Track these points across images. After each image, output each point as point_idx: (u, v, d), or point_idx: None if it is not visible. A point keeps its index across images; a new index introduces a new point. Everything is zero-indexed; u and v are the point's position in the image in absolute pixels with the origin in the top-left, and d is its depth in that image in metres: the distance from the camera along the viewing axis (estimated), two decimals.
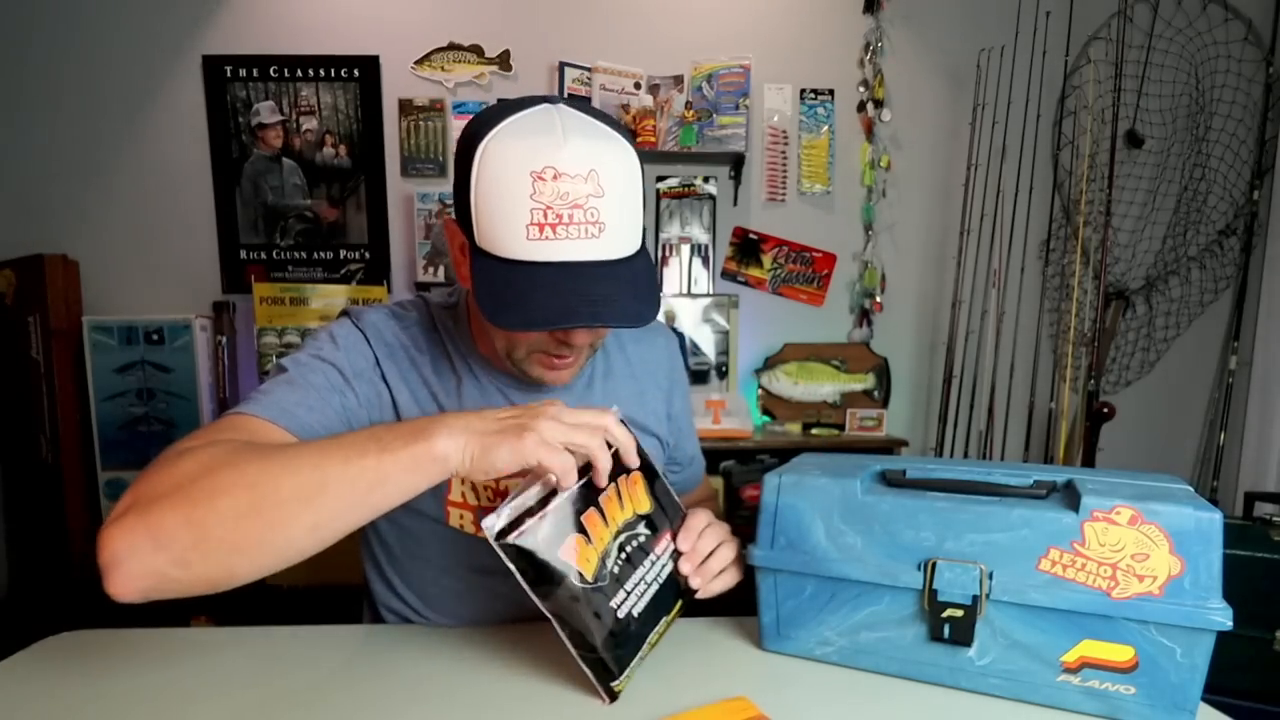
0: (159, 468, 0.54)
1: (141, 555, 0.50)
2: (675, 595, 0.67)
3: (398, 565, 0.80)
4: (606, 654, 0.58)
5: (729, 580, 0.71)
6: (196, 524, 0.50)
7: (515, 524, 0.55)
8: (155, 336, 2.14)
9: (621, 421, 0.62)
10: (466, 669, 0.66)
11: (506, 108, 0.64)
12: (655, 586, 0.64)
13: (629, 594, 0.61)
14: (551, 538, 0.57)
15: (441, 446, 0.54)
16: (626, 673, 0.59)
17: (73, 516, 2.15)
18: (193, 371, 2.15)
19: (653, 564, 0.65)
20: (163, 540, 0.50)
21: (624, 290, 0.63)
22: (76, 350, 2.14)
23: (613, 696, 0.59)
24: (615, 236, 0.63)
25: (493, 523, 0.55)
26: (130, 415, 2.15)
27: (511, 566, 0.55)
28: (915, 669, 0.63)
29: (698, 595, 0.69)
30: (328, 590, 1.07)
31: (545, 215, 0.60)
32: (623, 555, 0.62)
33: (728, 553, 0.71)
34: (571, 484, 0.56)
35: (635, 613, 0.61)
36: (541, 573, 0.56)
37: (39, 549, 2.22)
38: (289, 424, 0.64)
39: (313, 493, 0.52)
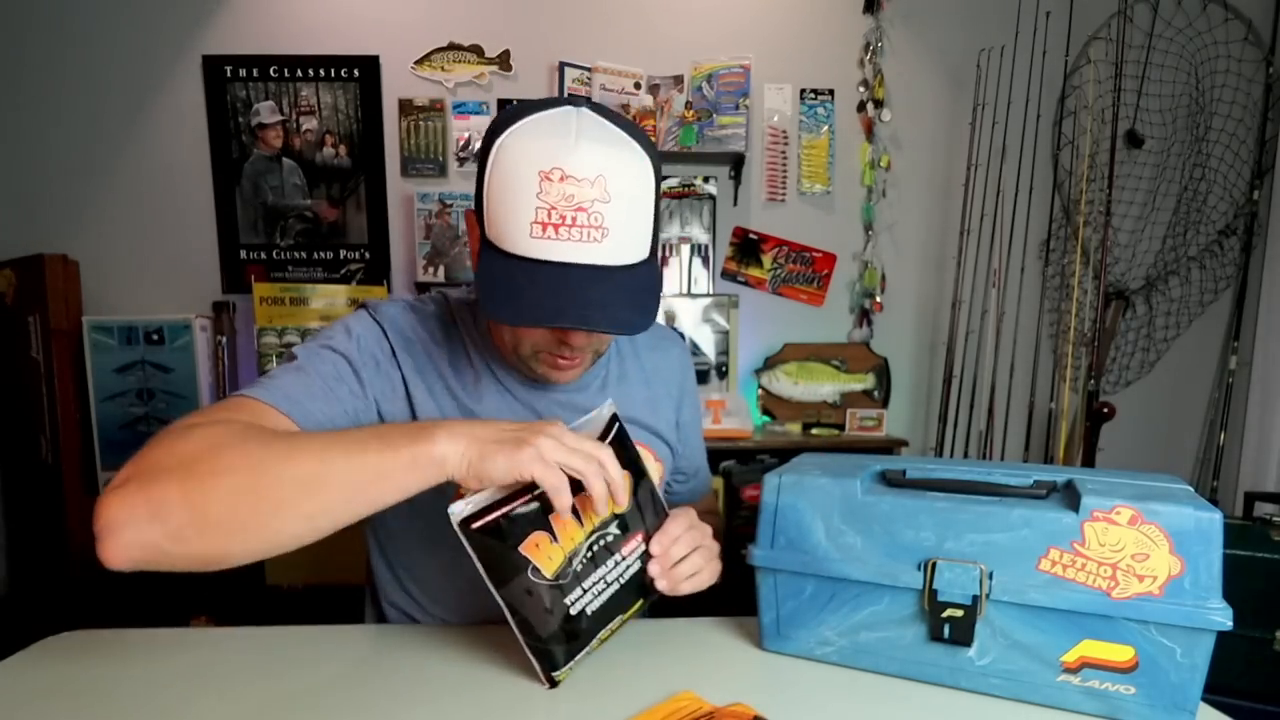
0: (163, 441, 0.55)
1: (138, 525, 0.51)
2: (638, 594, 0.67)
3: (404, 558, 0.80)
4: (553, 645, 0.60)
5: (701, 582, 0.70)
6: (196, 501, 0.51)
7: (481, 514, 0.57)
8: (155, 336, 2.14)
9: (617, 439, 0.63)
10: (468, 669, 0.66)
11: (529, 107, 0.65)
12: (615, 586, 0.64)
13: (585, 592, 0.62)
14: (514, 533, 0.58)
15: (441, 449, 0.55)
16: (571, 664, 0.61)
17: (73, 516, 2.15)
18: (193, 371, 2.15)
19: (617, 564, 0.64)
20: (160, 514, 0.51)
21: (620, 298, 0.63)
22: (76, 350, 2.14)
23: (553, 684, 0.60)
24: (619, 243, 0.63)
25: (459, 509, 0.56)
26: (130, 415, 2.15)
27: (471, 553, 0.57)
28: (915, 669, 0.63)
29: (667, 594, 0.68)
30: (328, 590, 1.08)
31: (549, 215, 0.61)
32: (589, 554, 0.62)
33: (699, 560, 0.70)
34: (565, 505, 0.56)
35: (589, 610, 0.62)
36: (498, 564, 0.58)
37: (39, 549, 2.22)
38: (293, 411, 0.64)
39: (313, 482, 0.53)
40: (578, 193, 0.61)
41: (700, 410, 1.00)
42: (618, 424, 0.66)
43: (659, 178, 0.68)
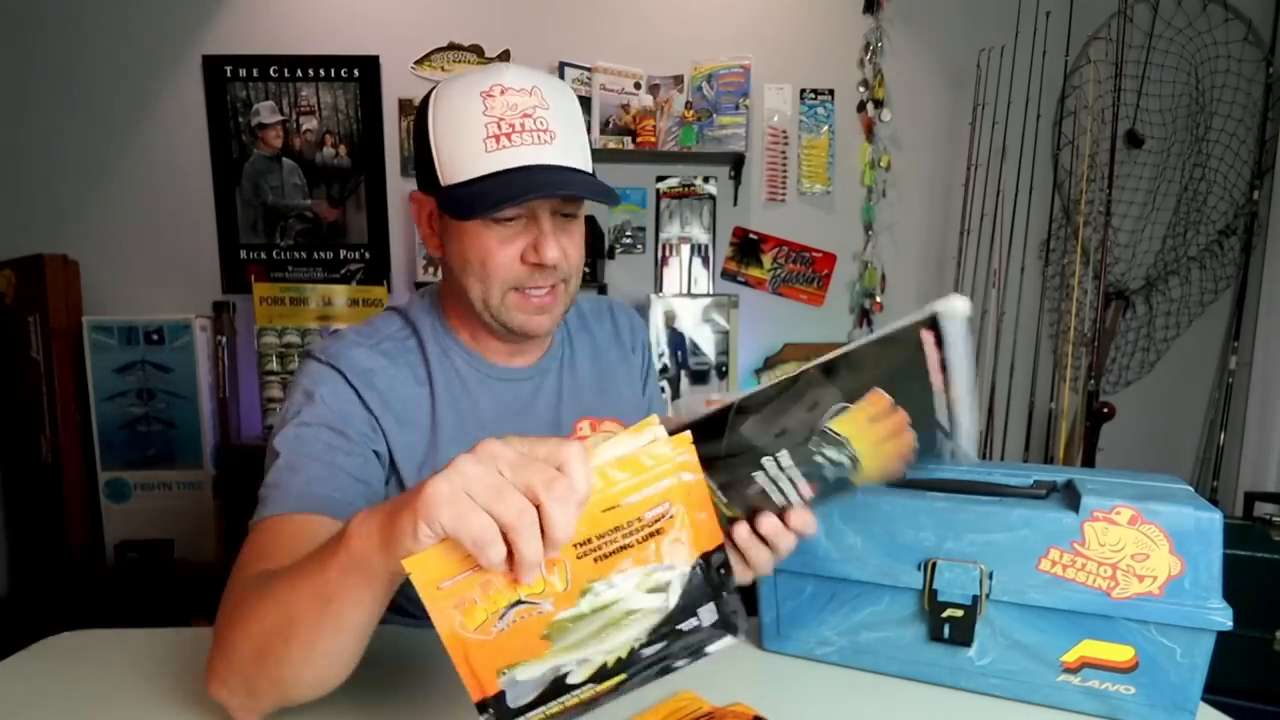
0: (217, 627, 0.57)
1: (229, 707, 0.56)
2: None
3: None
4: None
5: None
6: (239, 680, 0.54)
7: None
8: (155, 336, 2.14)
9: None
10: None
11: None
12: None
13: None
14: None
15: (356, 544, 0.45)
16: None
17: (73, 516, 2.15)
18: (193, 371, 2.15)
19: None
20: (229, 696, 0.55)
21: (583, 180, 0.68)
22: (76, 350, 2.14)
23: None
24: (567, 147, 0.67)
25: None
26: (130, 415, 2.15)
27: None
28: (915, 669, 0.63)
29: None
30: None
31: (499, 126, 0.65)
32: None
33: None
34: (493, 559, 0.38)
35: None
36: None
37: (39, 549, 2.22)
38: (310, 506, 0.63)
39: (286, 630, 0.50)
40: (520, 101, 0.66)
41: (656, 377, 1.01)
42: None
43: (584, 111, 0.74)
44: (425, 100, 0.69)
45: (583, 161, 0.70)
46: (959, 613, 0.59)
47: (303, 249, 2.35)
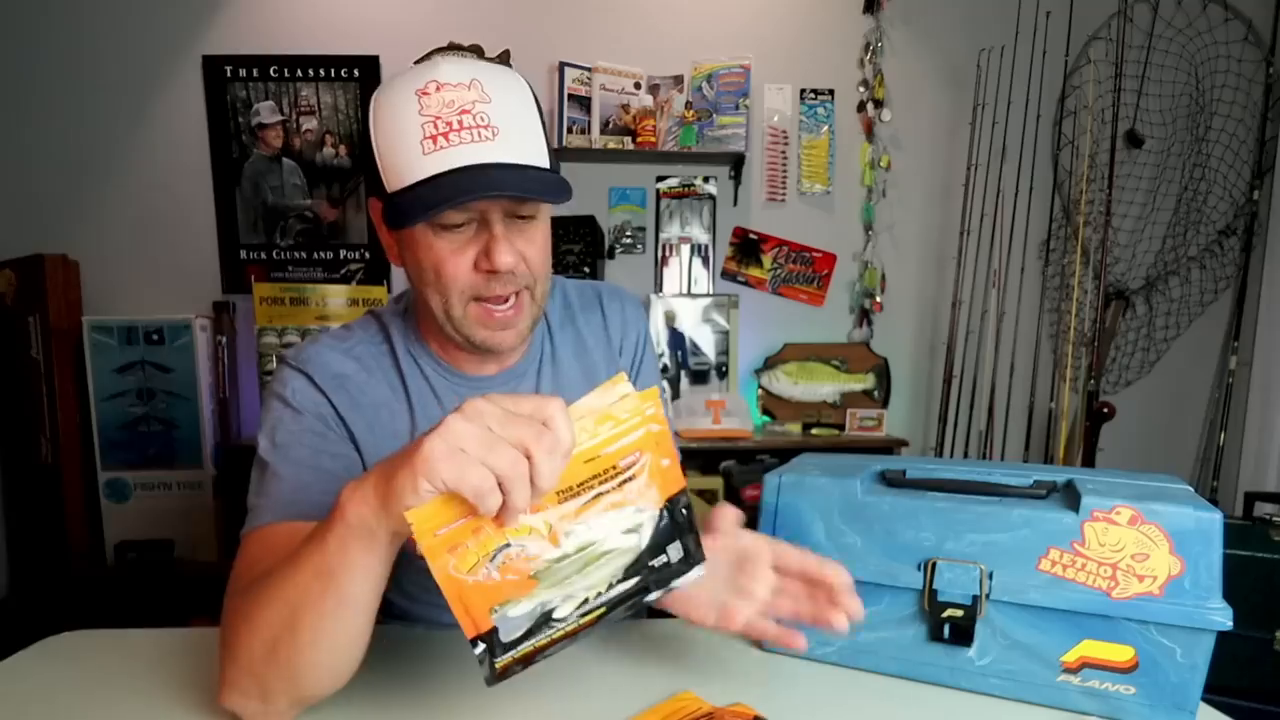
0: (221, 641, 0.57)
1: (245, 714, 0.56)
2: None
3: (404, 571, 0.80)
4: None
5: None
6: (254, 686, 0.54)
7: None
8: (155, 336, 2.14)
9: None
10: (467, 669, 0.66)
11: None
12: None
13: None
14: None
15: (352, 511, 0.47)
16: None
17: (72, 516, 2.15)
18: (193, 371, 2.15)
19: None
20: (244, 701, 0.55)
21: (527, 176, 0.62)
22: (76, 350, 2.14)
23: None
24: (512, 141, 0.62)
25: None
26: (130, 415, 2.15)
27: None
28: (915, 669, 0.63)
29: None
30: None
31: (436, 125, 0.60)
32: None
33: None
34: (491, 507, 0.42)
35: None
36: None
37: (39, 549, 2.22)
38: (300, 512, 0.64)
39: (292, 619, 0.51)
40: (457, 97, 0.61)
41: (655, 368, 0.92)
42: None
43: (536, 96, 0.67)
44: (368, 105, 0.66)
45: (532, 155, 0.63)
46: (959, 613, 0.59)
47: (303, 249, 2.35)
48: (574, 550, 0.47)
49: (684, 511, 0.49)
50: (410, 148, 0.61)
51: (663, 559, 0.49)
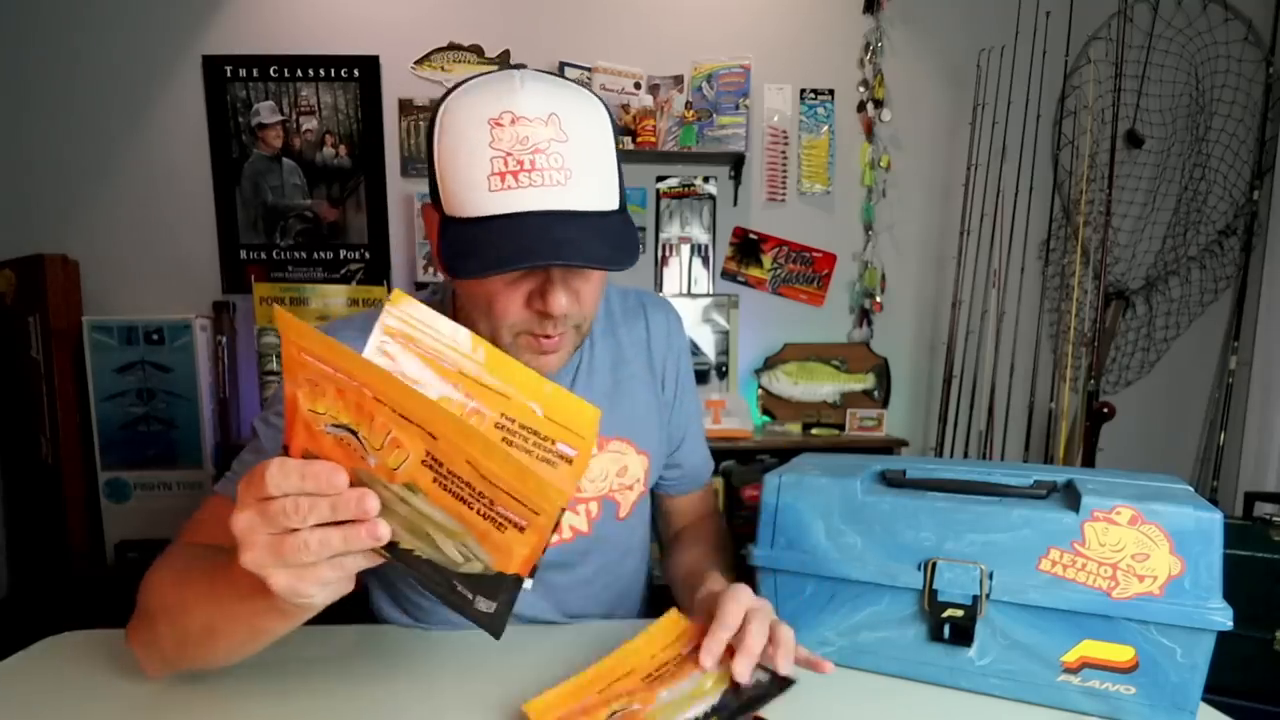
0: (144, 587, 0.62)
1: (141, 658, 0.62)
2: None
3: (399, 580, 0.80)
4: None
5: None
6: (156, 650, 0.60)
7: None
8: (155, 336, 2.14)
9: None
10: (466, 670, 0.66)
11: (469, 78, 0.64)
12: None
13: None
14: None
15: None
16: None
17: (73, 516, 2.15)
18: (193, 371, 2.15)
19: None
20: (144, 654, 0.61)
21: (594, 236, 0.59)
22: (76, 350, 2.14)
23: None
24: (585, 186, 0.59)
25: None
26: (130, 415, 2.15)
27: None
28: (915, 669, 0.63)
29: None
30: None
31: (506, 163, 0.57)
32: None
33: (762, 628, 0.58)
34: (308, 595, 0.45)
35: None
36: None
37: (39, 549, 2.22)
38: None
39: (208, 638, 0.56)
40: (532, 134, 0.58)
41: (693, 387, 0.90)
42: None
43: (614, 124, 0.64)
44: (437, 108, 0.62)
45: (603, 199, 0.61)
46: (959, 613, 0.59)
47: (303, 249, 2.35)
48: (409, 508, 0.45)
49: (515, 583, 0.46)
50: (477, 181, 0.58)
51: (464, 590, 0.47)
